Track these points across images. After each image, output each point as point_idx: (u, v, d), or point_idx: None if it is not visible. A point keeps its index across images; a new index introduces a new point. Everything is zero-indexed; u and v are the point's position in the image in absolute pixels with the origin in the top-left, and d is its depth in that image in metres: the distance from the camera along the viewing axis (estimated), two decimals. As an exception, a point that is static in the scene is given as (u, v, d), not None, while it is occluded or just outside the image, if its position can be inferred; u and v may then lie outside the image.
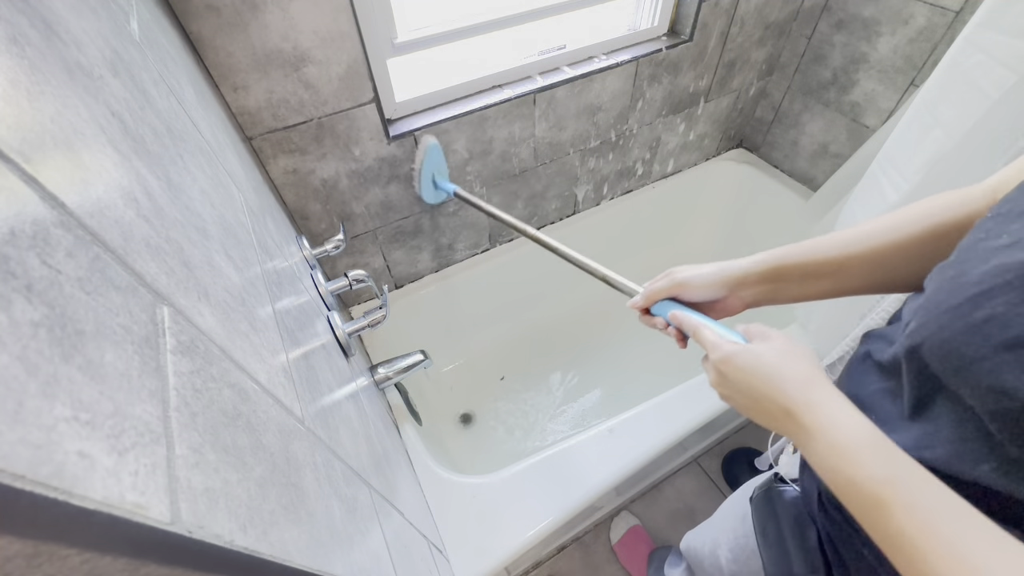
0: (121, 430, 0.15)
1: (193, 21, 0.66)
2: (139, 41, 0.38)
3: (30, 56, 0.19)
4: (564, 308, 1.53)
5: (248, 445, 0.24)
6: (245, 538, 0.20)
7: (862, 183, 0.94)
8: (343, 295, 1.15)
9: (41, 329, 0.13)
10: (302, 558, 0.24)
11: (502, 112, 1.01)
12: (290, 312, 0.46)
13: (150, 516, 0.15)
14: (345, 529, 0.34)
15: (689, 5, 1.12)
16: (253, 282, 0.37)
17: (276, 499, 0.24)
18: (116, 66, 0.29)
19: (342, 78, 0.81)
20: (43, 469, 0.12)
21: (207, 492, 0.18)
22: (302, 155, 0.87)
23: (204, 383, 0.22)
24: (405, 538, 0.55)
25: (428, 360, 0.96)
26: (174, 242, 0.25)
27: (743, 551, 0.61)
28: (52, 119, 0.19)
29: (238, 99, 0.75)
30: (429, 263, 1.24)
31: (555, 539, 1.19)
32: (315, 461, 0.33)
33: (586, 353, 1.49)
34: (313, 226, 0.98)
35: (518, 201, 1.24)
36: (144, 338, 0.18)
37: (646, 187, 1.49)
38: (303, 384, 0.38)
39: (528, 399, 1.40)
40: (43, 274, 0.14)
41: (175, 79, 0.44)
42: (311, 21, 0.72)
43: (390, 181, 1.00)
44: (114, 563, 0.13)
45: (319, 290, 0.75)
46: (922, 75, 1.10)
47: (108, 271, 0.18)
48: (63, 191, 0.17)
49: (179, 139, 0.35)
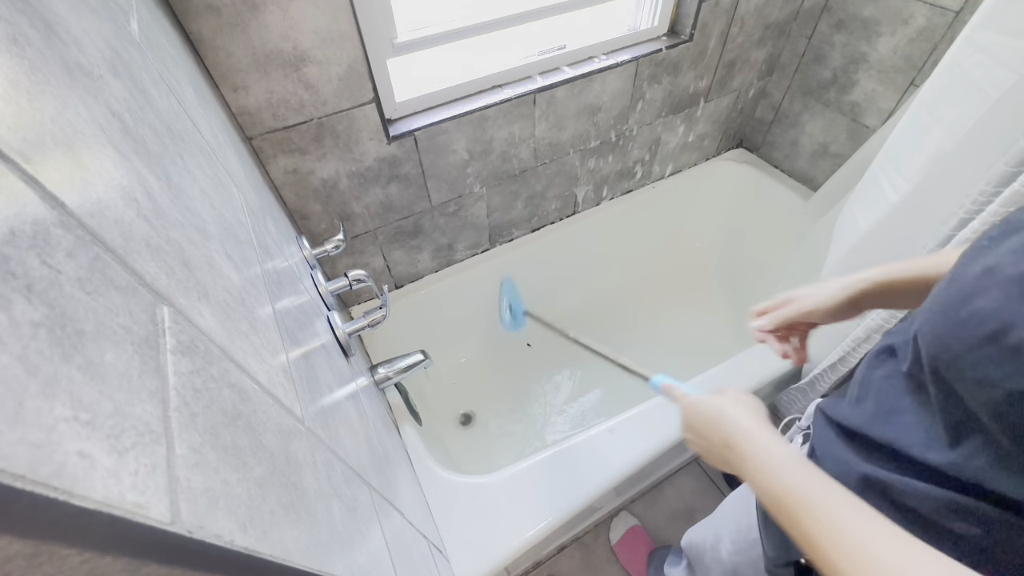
0: (121, 430, 0.15)
1: (193, 21, 0.66)
2: (139, 41, 0.38)
3: (30, 56, 0.19)
4: (564, 308, 1.52)
5: (248, 445, 0.24)
6: (245, 538, 0.20)
7: (862, 183, 0.95)
8: (343, 295, 1.15)
9: (41, 329, 0.13)
10: (302, 558, 0.24)
11: (502, 112, 1.01)
12: (290, 312, 0.46)
13: (150, 516, 0.15)
14: (345, 529, 0.34)
15: (689, 5, 1.12)
16: (253, 282, 0.37)
17: (276, 499, 0.24)
18: (116, 66, 0.29)
19: (342, 78, 0.81)
20: (43, 469, 0.12)
21: (207, 492, 0.18)
22: (302, 155, 0.87)
23: (204, 383, 0.22)
24: (405, 538, 0.55)
25: (428, 360, 0.96)
26: (174, 242, 0.25)
27: (745, 540, 0.62)
28: (52, 119, 0.19)
29: (238, 99, 0.75)
30: (429, 263, 1.24)
31: (555, 539, 1.19)
32: (315, 461, 0.33)
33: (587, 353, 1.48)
34: (313, 226, 0.99)
35: (518, 201, 1.25)
36: (144, 338, 0.18)
37: (646, 187, 1.49)
38: (303, 384, 0.38)
39: (528, 399, 1.40)
40: (43, 274, 0.14)
41: (175, 79, 0.44)
42: (311, 21, 0.73)
43: (390, 181, 1.00)
44: (114, 563, 0.13)
45: (319, 290, 0.75)
46: (922, 75, 1.10)
47: (108, 271, 0.18)
48: (63, 191, 0.17)
49: (179, 139, 0.35)
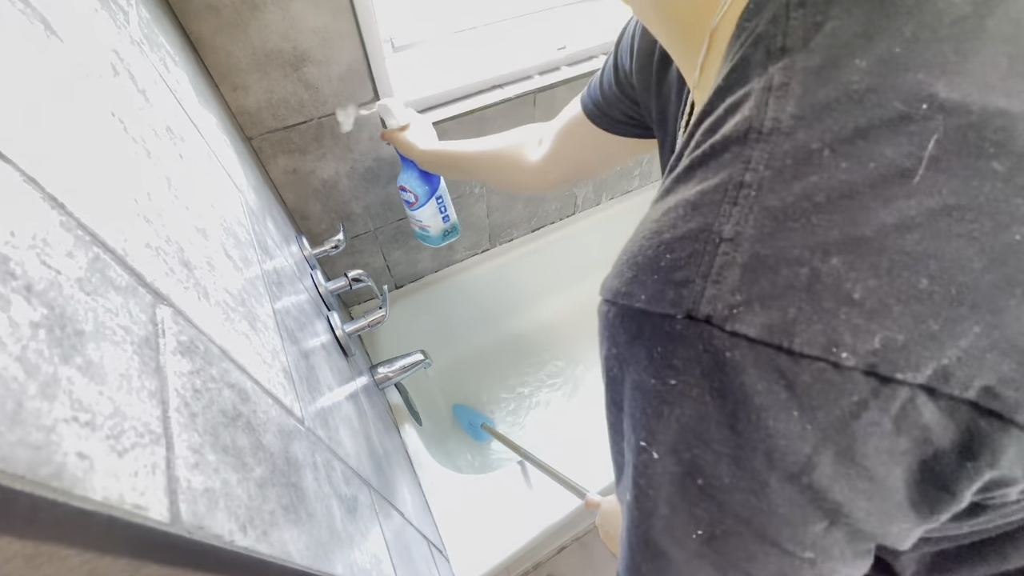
0: (121, 431, 0.15)
1: (193, 21, 0.66)
2: (139, 41, 0.38)
3: (30, 56, 0.19)
4: (565, 307, 1.53)
5: (248, 445, 0.24)
6: (245, 538, 0.20)
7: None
8: (343, 295, 1.15)
9: (41, 329, 0.13)
10: (302, 558, 0.24)
11: (502, 112, 1.01)
12: (290, 312, 0.46)
13: (150, 517, 0.15)
14: (345, 529, 0.34)
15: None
16: (253, 282, 0.37)
17: (276, 499, 0.24)
18: (116, 66, 0.29)
19: (342, 78, 0.81)
20: (43, 470, 0.12)
21: (207, 492, 0.18)
22: (302, 155, 0.87)
23: (204, 383, 0.22)
24: (405, 538, 0.55)
25: (428, 360, 0.96)
26: (174, 242, 0.25)
27: None
28: (52, 119, 0.19)
29: (238, 99, 0.75)
30: (429, 263, 1.24)
31: (555, 539, 1.18)
32: (315, 461, 0.33)
33: (587, 352, 1.49)
34: (313, 226, 0.98)
35: (518, 201, 1.24)
36: (144, 338, 0.18)
37: (646, 187, 1.49)
38: (303, 384, 0.38)
39: (529, 398, 1.40)
40: (43, 274, 0.14)
41: (175, 79, 0.44)
42: (311, 21, 0.72)
43: (390, 181, 1.00)
44: (114, 563, 0.13)
45: (319, 290, 0.75)
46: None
47: (108, 271, 0.18)
48: (63, 191, 0.17)
49: (179, 139, 0.35)
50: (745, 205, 0.18)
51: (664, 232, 0.21)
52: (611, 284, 0.22)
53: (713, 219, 0.19)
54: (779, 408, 0.17)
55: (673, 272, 0.19)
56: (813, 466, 0.18)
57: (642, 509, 0.24)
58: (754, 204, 0.18)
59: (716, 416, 0.19)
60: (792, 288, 0.17)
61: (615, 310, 0.22)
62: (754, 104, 0.19)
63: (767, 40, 0.20)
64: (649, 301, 0.20)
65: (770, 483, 0.19)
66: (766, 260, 0.18)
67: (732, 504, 0.20)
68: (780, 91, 0.19)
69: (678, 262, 0.19)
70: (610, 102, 0.54)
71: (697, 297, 0.18)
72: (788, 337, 0.17)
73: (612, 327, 0.22)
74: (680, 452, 0.21)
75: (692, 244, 0.19)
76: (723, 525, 0.21)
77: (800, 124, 0.18)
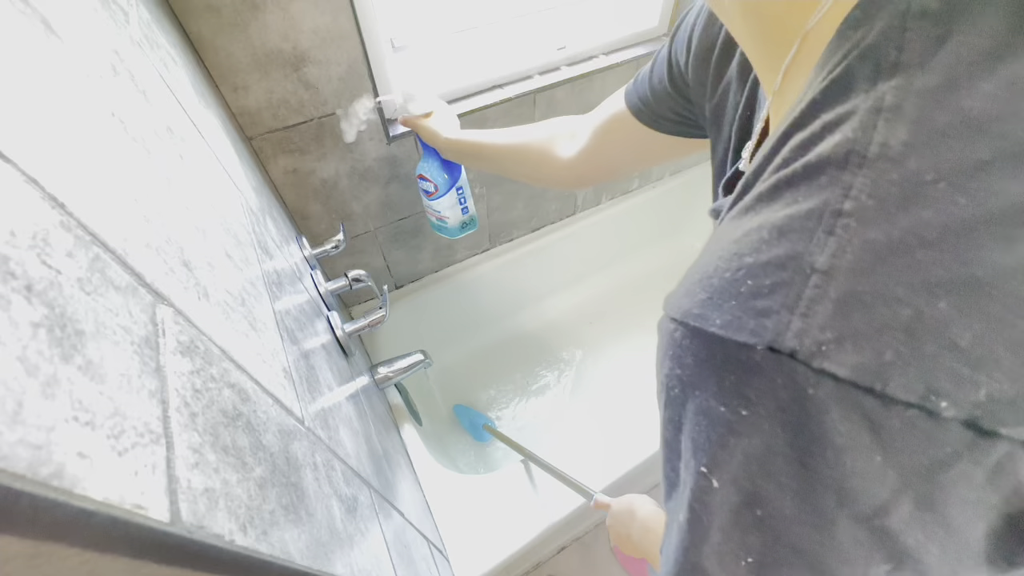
0: (121, 430, 0.15)
1: (193, 21, 0.66)
2: (139, 41, 0.38)
3: (30, 56, 0.19)
4: (565, 307, 1.53)
5: (248, 445, 0.24)
6: (245, 538, 0.20)
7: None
8: (343, 295, 1.15)
9: (41, 329, 0.13)
10: (302, 558, 0.24)
11: (502, 112, 1.01)
12: (290, 312, 0.46)
13: (150, 516, 0.15)
14: (345, 529, 0.34)
15: (689, 5, 1.12)
16: (253, 282, 0.37)
17: (276, 499, 0.24)
18: (116, 66, 0.29)
19: (342, 78, 0.81)
20: (43, 470, 0.12)
21: (207, 492, 0.18)
22: (302, 155, 0.87)
23: (204, 383, 0.22)
24: (405, 538, 0.55)
25: (428, 360, 0.96)
26: (174, 242, 0.25)
27: None
28: (52, 119, 0.19)
29: (238, 99, 0.75)
30: (429, 263, 1.24)
31: (555, 539, 1.18)
32: (315, 461, 0.33)
33: (587, 352, 1.49)
34: (313, 226, 0.98)
35: (518, 202, 1.24)
36: (144, 338, 0.18)
37: (646, 187, 1.49)
38: (303, 384, 0.38)
39: (530, 398, 1.40)
40: (43, 274, 0.14)
41: (175, 79, 0.44)
42: (311, 21, 0.72)
43: (390, 181, 1.00)
44: (114, 563, 0.13)
45: (319, 290, 0.75)
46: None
47: (108, 271, 0.18)
48: (63, 191, 0.17)
49: (179, 139, 0.35)
50: (843, 236, 0.17)
51: (746, 255, 0.19)
52: (680, 303, 0.21)
53: (804, 248, 0.18)
54: (860, 450, 0.17)
55: (754, 299, 0.18)
56: (888, 511, 0.17)
57: (694, 533, 0.23)
58: (853, 236, 0.17)
59: (786, 451, 0.18)
60: (889, 328, 0.16)
61: (683, 331, 0.21)
62: (859, 125, 0.18)
63: (878, 53, 0.18)
64: (725, 327, 0.19)
65: (837, 521, 0.18)
66: (862, 297, 0.16)
67: (790, 536, 0.19)
68: (891, 113, 0.17)
69: (761, 290, 0.18)
70: (659, 98, 0.52)
71: (782, 330, 0.17)
72: (881, 380, 0.16)
73: (678, 347, 0.21)
74: (741, 482, 0.20)
75: (778, 272, 0.18)
76: (776, 555, 0.20)
77: (912, 152, 0.17)
